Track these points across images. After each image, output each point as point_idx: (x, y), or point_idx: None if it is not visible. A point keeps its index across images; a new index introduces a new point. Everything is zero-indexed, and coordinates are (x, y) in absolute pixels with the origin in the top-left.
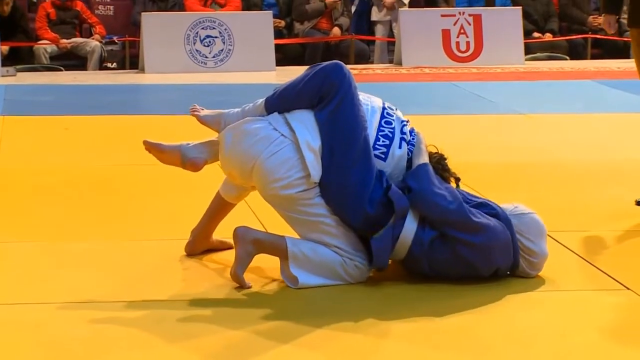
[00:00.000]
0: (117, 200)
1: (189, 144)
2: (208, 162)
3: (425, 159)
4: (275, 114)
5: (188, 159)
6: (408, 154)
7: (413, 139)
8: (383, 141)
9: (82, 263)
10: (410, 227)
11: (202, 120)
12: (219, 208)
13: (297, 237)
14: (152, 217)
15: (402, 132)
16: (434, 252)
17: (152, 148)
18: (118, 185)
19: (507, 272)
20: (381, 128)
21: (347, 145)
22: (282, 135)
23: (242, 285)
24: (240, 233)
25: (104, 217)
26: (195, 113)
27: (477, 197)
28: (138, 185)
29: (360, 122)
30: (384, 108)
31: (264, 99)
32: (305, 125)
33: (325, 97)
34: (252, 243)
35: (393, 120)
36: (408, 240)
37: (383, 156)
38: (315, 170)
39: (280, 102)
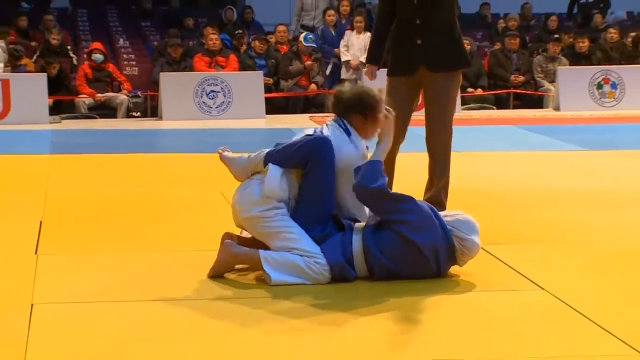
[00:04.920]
0: (142, 221)
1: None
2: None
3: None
4: None
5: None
6: None
7: None
8: None
9: (114, 270)
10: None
11: (222, 159)
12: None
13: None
14: (171, 233)
15: None
16: (380, 239)
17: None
18: (143, 209)
19: (446, 255)
20: None
21: (311, 195)
22: (260, 181)
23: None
24: (225, 245)
25: (132, 234)
26: (222, 153)
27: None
28: (159, 209)
29: (328, 183)
30: None
31: (266, 152)
32: (280, 170)
33: (309, 161)
34: (231, 255)
35: None
36: (359, 238)
37: None
38: (271, 183)
39: (276, 158)
